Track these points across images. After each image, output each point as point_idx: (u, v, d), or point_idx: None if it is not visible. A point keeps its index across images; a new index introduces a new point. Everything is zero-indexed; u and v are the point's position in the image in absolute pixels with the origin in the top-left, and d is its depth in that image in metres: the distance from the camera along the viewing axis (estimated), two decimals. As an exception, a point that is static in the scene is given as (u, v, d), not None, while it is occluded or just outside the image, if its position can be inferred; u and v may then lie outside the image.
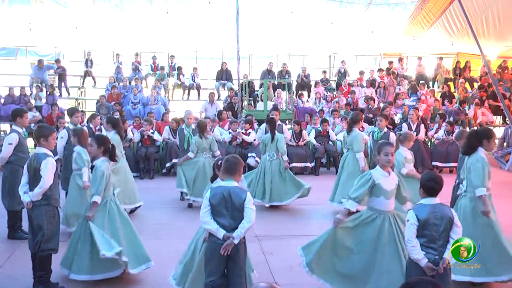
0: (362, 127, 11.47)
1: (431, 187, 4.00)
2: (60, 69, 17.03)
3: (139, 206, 8.08)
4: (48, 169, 4.98)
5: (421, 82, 17.23)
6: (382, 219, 4.62)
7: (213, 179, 4.82)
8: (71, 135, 7.22)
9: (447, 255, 3.89)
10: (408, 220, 3.97)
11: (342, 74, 17.94)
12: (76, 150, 6.68)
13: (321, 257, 4.68)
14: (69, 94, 17.24)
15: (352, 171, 7.94)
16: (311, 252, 4.70)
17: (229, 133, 12.03)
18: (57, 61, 17.29)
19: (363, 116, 10.84)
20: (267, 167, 8.40)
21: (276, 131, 8.51)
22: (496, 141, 13.41)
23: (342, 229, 4.70)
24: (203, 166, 8.44)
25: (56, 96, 15.70)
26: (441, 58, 18.64)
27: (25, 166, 5.18)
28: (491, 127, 16.30)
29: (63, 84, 17.06)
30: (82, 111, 13.19)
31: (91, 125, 10.27)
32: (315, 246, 4.70)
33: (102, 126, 10.54)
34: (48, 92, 15.33)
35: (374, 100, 15.04)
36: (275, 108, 11.23)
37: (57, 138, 7.37)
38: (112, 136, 7.45)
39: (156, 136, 11.62)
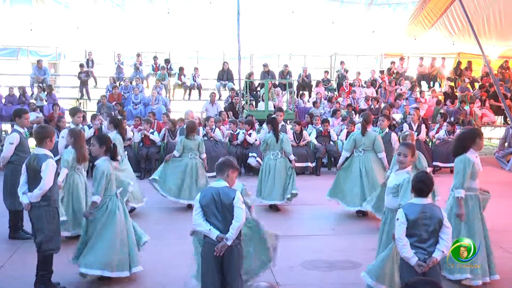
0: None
1: (419, 189, 4.06)
2: (83, 75, 16.76)
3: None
4: (49, 171, 4.97)
5: (421, 82, 17.22)
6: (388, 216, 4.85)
7: None
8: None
9: (437, 255, 3.90)
10: (398, 219, 4.02)
11: (342, 75, 17.87)
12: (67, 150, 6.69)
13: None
14: (90, 100, 17.06)
15: (376, 172, 7.79)
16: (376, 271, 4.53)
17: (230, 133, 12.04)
18: (81, 66, 17.00)
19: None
20: (272, 166, 8.34)
21: (279, 131, 8.47)
22: (497, 141, 13.44)
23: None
24: (186, 167, 8.42)
25: (55, 95, 15.71)
26: (443, 59, 18.66)
27: (24, 166, 5.15)
28: (492, 128, 16.34)
29: (84, 90, 16.81)
30: (83, 111, 13.20)
31: (91, 125, 10.30)
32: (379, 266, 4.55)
33: (102, 125, 10.56)
34: (46, 92, 15.34)
35: (377, 101, 15.02)
36: (279, 109, 11.21)
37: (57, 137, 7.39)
38: (115, 136, 7.46)
39: (153, 136, 11.60)
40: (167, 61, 17.99)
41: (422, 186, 4.03)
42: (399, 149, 4.91)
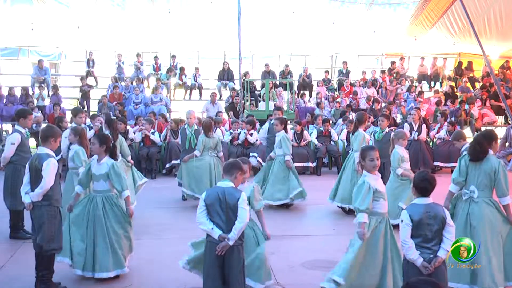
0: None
1: (424, 188, 4.02)
2: (86, 87, 16.39)
3: None
4: (50, 170, 4.97)
5: (422, 81, 17.23)
6: (382, 222, 4.56)
7: None
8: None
9: (441, 254, 3.88)
10: (402, 221, 3.97)
11: (344, 75, 17.86)
12: (74, 149, 6.67)
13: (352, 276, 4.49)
14: (90, 113, 16.58)
15: (353, 171, 7.95)
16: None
17: (230, 133, 12.04)
18: (82, 78, 16.65)
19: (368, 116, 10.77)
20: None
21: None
22: (498, 141, 13.42)
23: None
24: (209, 165, 8.45)
25: (60, 96, 15.71)
26: (444, 59, 18.67)
27: (27, 166, 5.16)
28: (493, 127, 16.31)
29: (85, 103, 16.11)
30: (84, 111, 13.19)
31: (91, 125, 10.30)
32: (342, 269, 4.49)
33: (103, 126, 10.58)
34: (52, 92, 15.34)
35: (378, 102, 15.01)
36: (277, 108, 11.21)
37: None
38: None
39: (153, 136, 11.60)
40: (173, 60, 17.93)
41: (427, 185, 4.00)
42: (372, 154, 4.55)
